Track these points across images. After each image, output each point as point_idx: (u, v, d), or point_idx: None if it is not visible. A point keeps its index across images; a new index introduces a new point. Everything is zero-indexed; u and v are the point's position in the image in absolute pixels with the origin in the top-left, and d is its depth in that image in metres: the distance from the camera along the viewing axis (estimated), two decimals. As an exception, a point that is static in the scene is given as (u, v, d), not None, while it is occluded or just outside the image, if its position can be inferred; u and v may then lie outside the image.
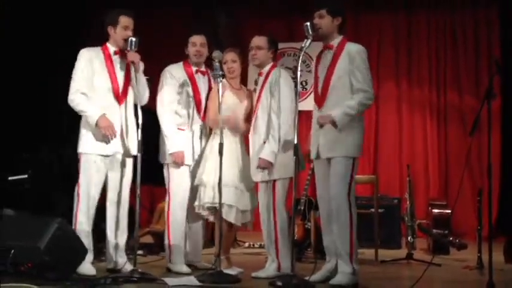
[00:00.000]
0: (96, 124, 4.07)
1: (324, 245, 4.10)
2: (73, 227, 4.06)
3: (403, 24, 8.17)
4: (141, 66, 4.34)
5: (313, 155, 4.05)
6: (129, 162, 4.28)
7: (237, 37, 7.76)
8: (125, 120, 4.25)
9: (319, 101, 4.01)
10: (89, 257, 4.08)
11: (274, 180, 4.17)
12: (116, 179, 4.24)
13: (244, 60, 4.55)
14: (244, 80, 4.86)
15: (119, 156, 4.24)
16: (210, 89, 4.53)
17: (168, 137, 4.34)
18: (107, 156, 4.18)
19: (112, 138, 4.11)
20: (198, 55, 4.48)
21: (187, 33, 4.54)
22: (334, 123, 3.81)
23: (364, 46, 4.02)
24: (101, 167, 4.18)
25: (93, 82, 4.19)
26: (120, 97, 4.23)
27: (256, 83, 4.50)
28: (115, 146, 4.19)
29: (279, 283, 3.74)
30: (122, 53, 4.28)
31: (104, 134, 4.08)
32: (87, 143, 4.17)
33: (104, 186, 4.23)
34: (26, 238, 3.57)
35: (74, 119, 4.27)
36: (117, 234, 4.25)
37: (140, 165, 4.01)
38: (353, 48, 3.95)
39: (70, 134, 4.33)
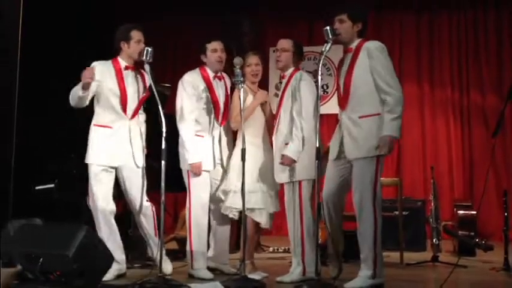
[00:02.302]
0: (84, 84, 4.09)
1: (330, 251, 4.14)
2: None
3: (425, 24, 8.13)
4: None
5: (333, 156, 4.06)
6: (139, 172, 4.36)
7: (258, 41, 7.81)
8: (135, 134, 4.35)
9: (343, 101, 4.02)
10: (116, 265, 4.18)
11: (300, 181, 4.19)
12: (130, 190, 4.35)
13: (264, 62, 4.61)
14: (265, 84, 4.91)
15: (128, 168, 4.32)
16: (226, 93, 4.57)
17: (187, 147, 4.35)
18: (113, 167, 4.28)
19: (92, 79, 4.10)
20: (220, 61, 4.50)
21: (203, 40, 4.57)
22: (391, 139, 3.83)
23: (385, 46, 4.02)
24: (107, 178, 4.27)
25: (103, 96, 4.29)
26: (129, 111, 4.32)
27: (277, 87, 4.53)
28: (122, 159, 4.29)
29: (304, 287, 3.75)
30: (133, 67, 4.38)
31: (85, 82, 4.08)
32: (93, 154, 4.27)
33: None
34: (54, 246, 3.63)
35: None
36: (149, 240, 4.43)
37: (164, 173, 4.05)
38: (370, 45, 3.96)
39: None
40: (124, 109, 4.31)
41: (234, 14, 8.00)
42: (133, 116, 4.35)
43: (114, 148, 4.27)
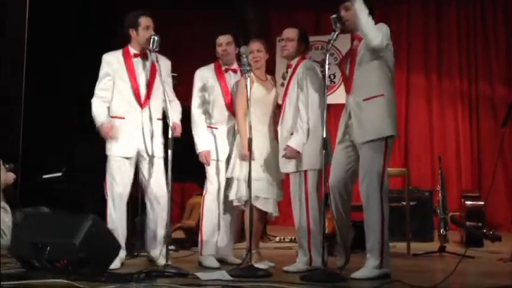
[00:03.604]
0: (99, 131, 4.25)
1: (338, 241, 4.11)
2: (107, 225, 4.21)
3: (433, 15, 8.08)
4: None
5: (338, 139, 4.05)
6: (159, 162, 4.36)
7: (265, 31, 7.78)
8: (149, 123, 4.33)
9: (347, 86, 4.02)
10: (122, 253, 4.17)
11: (306, 171, 4.18)
12: (147, 179, 4.36)
13: (270, 51, 4.55)
14: (271, 73, 4.88)
15: (146, 157, 4.33)
16: None
17: (195, 137, 4.46)
18: (129, 158, 4.29)
19: (112, 138, 4.24)
20: (225, 54, 4.53)
21: (215, 32, 4.59)
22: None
23: (393, 37, 3.98)
24: (125, 167, 4.30)
25: (115, 86, 4.31)
26: (141, 99, 4.31)
27: (284, 76, 4.51)
28: (137, 148, 4.30)
29: (311, 277, 3.74)
30: (142, 54, 4.35)
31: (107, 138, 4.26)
32: (111, 146, 4.31)
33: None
34: (61, 235, 3.64)
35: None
36: (155, 228, 4.39)
37: (171, 163, 4.06)
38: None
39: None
40: (136, 97, 4.31)
41: (240, 3, 7.98)
42: (145, 104, 4.33)
43: (127, 138, 4.29)
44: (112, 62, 4.33)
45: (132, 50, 4.36)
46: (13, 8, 5.88)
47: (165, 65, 4.43)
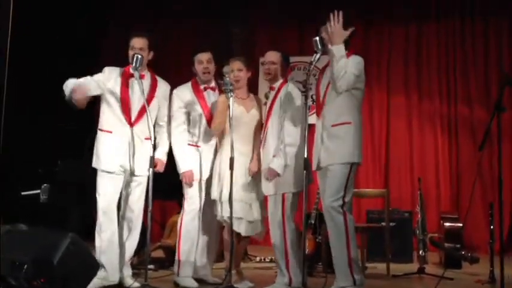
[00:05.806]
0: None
1: (334, 262, 4.10)
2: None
3: (413, 36, 8.18)
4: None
5: (314, 167, 4.07)
6: (142, 180, 4.33)
7: (249, 49, 7.82)
8: (132, 141, 4.29)
9: (319, 109, 4.08)
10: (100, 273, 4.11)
11: (283, 194, 4.19)
12: (126, 197, 4.34)
13: (251, 69, 4.56)
14: (254, 92, 4.89)
15: (129, 175, 4.30)
16: None
17: (177, 157, 4.41)
18: (110, 172, 4.24)
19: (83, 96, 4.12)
20: (206, 72, 4.51)
21: (192, 52, 4.59)
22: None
23: (374, 58, 4.03)
24: (109, 183, 4.25)
25: (106, 99, 4.29)
26: (130, 117, 4.28)
27: (266, 96, 4.53)
28: (120, 164, 4.26)
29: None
30: (140, 75, 4.26)
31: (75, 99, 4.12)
32: (96, 159, 4.29)
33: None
34: (39, 253, 3.60)
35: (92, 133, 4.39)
36: (124, 249, 4.33)
37: (152, 181, 4.04)
38: (350, 59, 3.95)
39: (87, 149, 4.40)
40: (125, 114, 4.28)
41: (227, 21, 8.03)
42: (135, 122, 4.30)
43: (110, 153, 4.25)
44: (110, 74, 4.31)
45: (131, 70, 4.26)
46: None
47: (163, 89, 4.44)
